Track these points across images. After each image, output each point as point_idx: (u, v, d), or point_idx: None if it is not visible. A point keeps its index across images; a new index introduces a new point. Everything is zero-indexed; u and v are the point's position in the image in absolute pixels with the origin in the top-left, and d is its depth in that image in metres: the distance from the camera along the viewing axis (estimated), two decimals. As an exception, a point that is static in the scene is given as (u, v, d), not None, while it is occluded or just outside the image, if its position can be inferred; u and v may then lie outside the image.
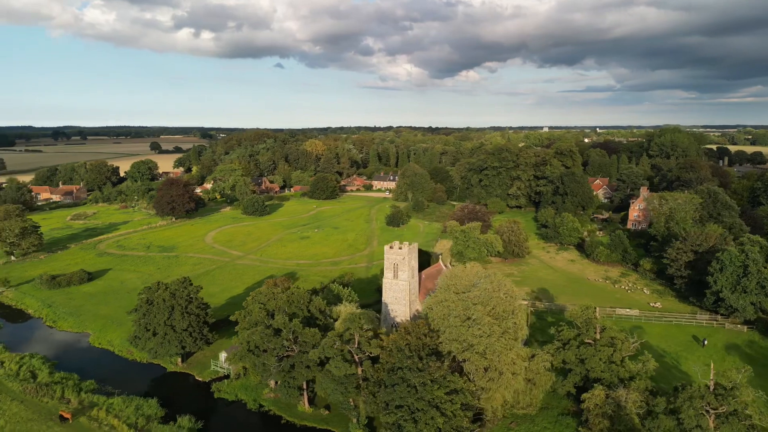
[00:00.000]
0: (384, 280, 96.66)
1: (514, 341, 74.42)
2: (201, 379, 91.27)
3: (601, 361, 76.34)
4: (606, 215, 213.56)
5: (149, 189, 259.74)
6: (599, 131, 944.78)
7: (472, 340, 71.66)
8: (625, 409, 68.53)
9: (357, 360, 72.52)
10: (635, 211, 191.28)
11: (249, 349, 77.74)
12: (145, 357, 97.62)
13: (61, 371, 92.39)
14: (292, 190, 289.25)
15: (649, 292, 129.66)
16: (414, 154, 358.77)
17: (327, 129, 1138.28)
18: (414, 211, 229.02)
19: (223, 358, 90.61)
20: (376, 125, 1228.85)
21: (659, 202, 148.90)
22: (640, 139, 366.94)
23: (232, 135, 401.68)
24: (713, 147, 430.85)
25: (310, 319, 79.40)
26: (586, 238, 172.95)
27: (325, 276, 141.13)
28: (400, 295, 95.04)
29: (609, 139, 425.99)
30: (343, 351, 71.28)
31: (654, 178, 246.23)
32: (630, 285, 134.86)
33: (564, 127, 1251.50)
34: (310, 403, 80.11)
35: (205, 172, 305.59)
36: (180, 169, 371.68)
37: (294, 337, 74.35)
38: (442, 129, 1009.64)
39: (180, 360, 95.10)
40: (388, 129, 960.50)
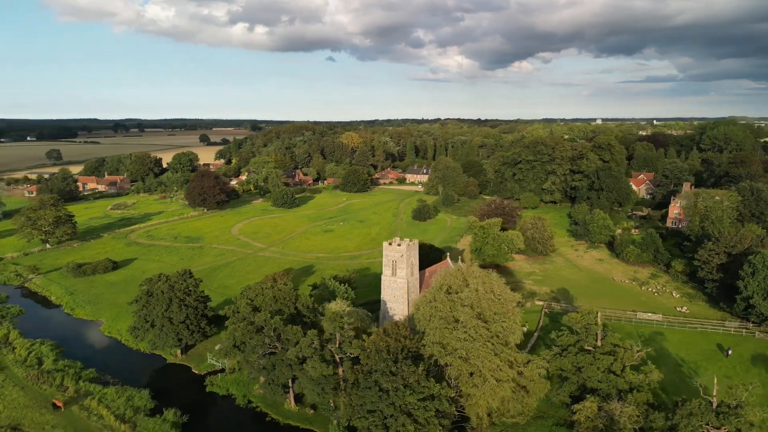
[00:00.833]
0: (383, 278, 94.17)
1: (502, 346, 70.53)
2: (197, 372, 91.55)
3: (599, 370, 71.44)
4: (645, 212, 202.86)
5: (187, 180, 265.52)
6: (656, 123, 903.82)
7: (455, 344, 68.37)
8: (619, 423, 63.69)
9: (338, 360, 70.51)
10: (675, 208, 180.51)
11: (234, 345, 77.05)
12: (147, 347, 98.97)
13: (67, 359, 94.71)
14: (325, 182, 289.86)
15: (678, 296, 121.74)
16: (452, 146, 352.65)
17: (374, 122, 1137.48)
18: (443, 205, 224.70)
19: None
20: (424, 117, 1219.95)
21: (695, 200, 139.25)
22: (690, 132, 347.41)
23: (272, 127, 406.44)
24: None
25: (296, 317, 77.89)
26: (624, 236, 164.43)
27: (341, 270, 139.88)
28: (399, 293, 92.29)
29: (660, 132, 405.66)
30: (323, 350, 69.38)
31: (702, 174, 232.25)
32: (659, 287, 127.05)
33: (620, 119, 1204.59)
34: (296, 402, 78.75)
35: (242, 164, 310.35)
36: (221, 160, 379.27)
37: (277, 335, 72.98)
38: (491, 121, 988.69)
39: (180, 352, 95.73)
40: (435, 121, 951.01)
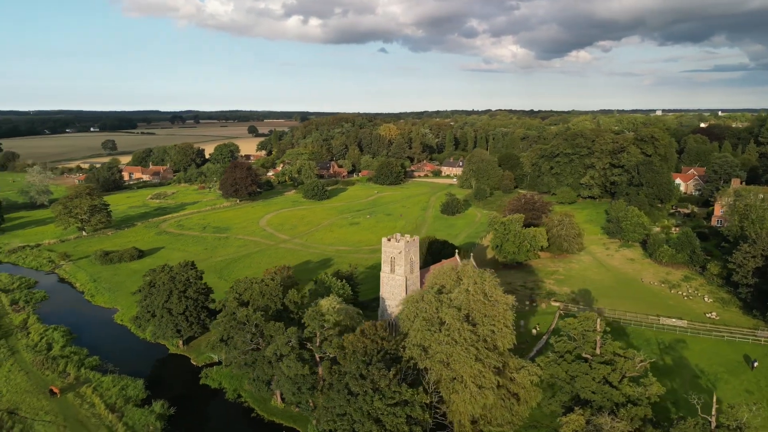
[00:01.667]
0: (381, 274, 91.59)
1: (489, 351, 66.83)
2: (195, 364, 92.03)
3: (594, 380, 66.60)
4: (689, 210, 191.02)
5: (225, 171, 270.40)
6: (721, 114, 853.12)
7: (436, 347, 65.28)
8: (608, 439, 59.07)
9: (318, 359, 68.75)
10: (720, 206, 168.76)
11: (222, 339, 76.57)
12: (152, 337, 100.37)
13: (75, 345, 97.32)
14: (359, 174, 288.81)
15: (710, 301, 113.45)
16: (493, 138, 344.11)
17: (422, 113, 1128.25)
18: (475, 199, 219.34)
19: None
20: (475, 108, 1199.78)
21: (734, 197, 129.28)
22: (748, 124, 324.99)
23: (312, 119, 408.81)
24: None
25: (282, 312, 76.58)
26: (658, 235, 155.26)
27: (359, 263, 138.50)
28: (397, 291, 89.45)
29: (717, 124, 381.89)
30: (302, 349, 67.79)
31: (758, 169, 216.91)
32: (690, 291, 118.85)
33: (682, 110, 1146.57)
34: (283, 399, 77.58)
35: (280, 155, 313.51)
36: (262, 152, 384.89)
37: (260, 331, 71.90)
38: (544, 112, 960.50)
39: (181, 342, 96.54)
40: (485, 112, 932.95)
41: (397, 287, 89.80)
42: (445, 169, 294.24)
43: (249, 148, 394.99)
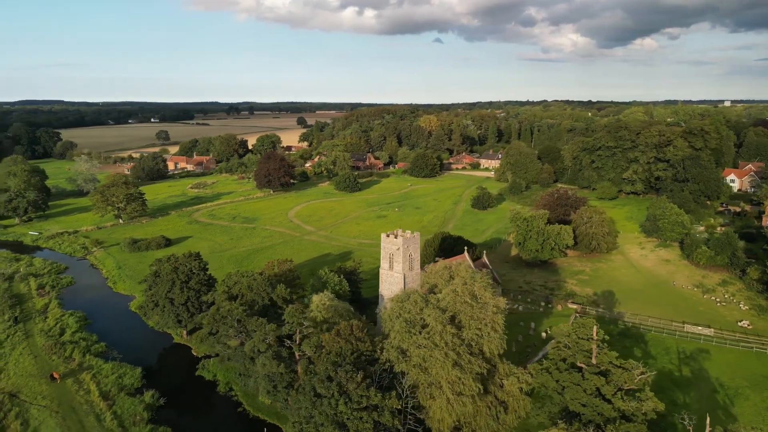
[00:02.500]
0: (380, 271, 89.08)
1: (471, 356, 63.31)
2: (195, 354, 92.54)
3: (585, 392, 61.96)
4: (740, 208, 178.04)
5: (259, 162, 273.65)
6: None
7: (413, 350, 62.39)
8: (590, 458, 54.76)
9: (297, 357, 67.26)
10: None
11: (210, 332, 76.31)
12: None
13: (87, 331, 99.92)
14: (395, 167, 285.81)
15: (746, 308, 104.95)
16: (538, 130, 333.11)
17: (475, 104, 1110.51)
18: (510, 193, 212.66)
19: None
20: (529, 99, 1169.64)
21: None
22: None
23: (354, 111, 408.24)
24: None
25: (269, 308, 75.44)
26: (698, 235, 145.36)
27: (378, 257, 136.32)
28: (395, 288, 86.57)
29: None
30: (282, 346, 66.44)
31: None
32: (726, 297, 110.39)
33: (755, 101, 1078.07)
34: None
35: (318, 147, 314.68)
36: (304, 143, 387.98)
37: (244, 326, 71.05)
38: (604, 103, 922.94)
39: (185, 333, 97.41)
40: (540, 103, 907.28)
41: (395, 284, 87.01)
42: (484, 162, 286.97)
43: (292, 139, 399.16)
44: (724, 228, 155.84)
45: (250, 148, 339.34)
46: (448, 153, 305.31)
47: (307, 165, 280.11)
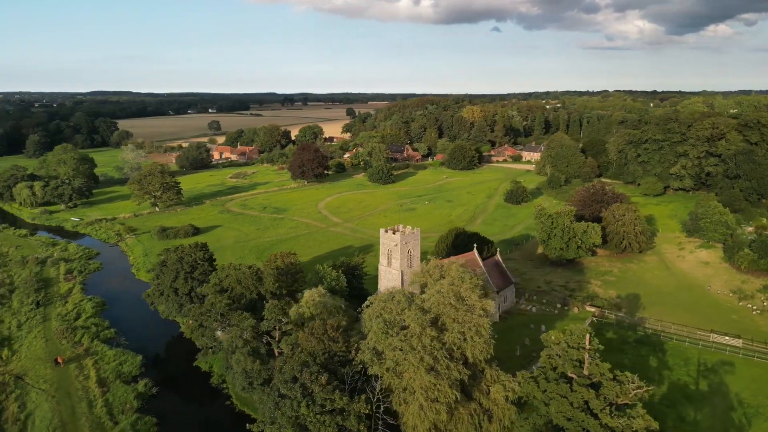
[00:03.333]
0: (379, 267, 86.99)
1: (451, 361, 60.01)
2: (199, 345, 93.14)
3: (572, 405, 57.59)
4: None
5: (294, 153, 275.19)
6: None
7: (388, 352, 59.80)
8: (567, 478, 50.71)
9: (277, 354, 66.02)
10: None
11: (201, 325, 76.27)
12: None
13: (100, 317, 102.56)
14: (434, 158, 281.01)
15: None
16: (587, 122, 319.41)
17: (531, 94, 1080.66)
18: (548, 187, 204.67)
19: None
20: (588, 89, 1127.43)
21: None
22: None
23: (397, 102, 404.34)
24: None
25: (257, 302, 74.52)
26: (743, 236, 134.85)
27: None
28: (392, 285, 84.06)
29: None
30: (261, 342, 65.37)
31: None
32: (765, 304, 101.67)
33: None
34: (257, 389, 75.97)
35: (356, 138, 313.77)
36: (347, 134, 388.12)
37: (227, 320, 70.46)
38: (670, 93, 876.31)
39: (191, 321, 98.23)
40: (600, 93, 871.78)
41: (393, 281, 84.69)
42: (526, 155, 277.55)
43: (336, 130, 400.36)
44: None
45: (293, 138, 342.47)
46: (489, 145, 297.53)
47: (345, 156, 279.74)
